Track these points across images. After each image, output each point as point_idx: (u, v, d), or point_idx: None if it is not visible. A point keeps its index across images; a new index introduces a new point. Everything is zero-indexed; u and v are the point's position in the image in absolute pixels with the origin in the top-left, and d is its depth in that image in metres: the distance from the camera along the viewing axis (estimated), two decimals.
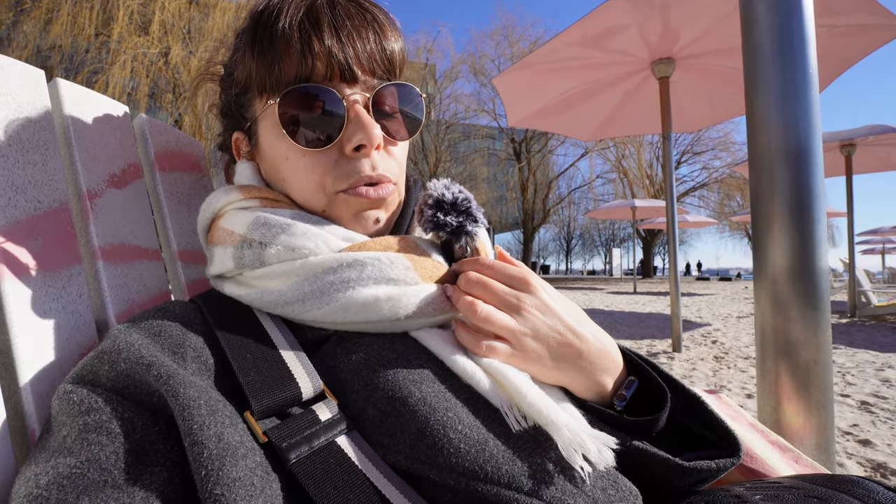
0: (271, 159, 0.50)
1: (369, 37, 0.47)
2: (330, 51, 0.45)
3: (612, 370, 0.45)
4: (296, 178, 0.48)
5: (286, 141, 0.47)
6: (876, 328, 5.23)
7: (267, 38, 0.46)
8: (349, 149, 0.46)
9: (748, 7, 1.06)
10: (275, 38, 0.45)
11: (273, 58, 0.46)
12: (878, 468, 1.69)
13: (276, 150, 0.49)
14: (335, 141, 0.47)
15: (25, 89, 0.48)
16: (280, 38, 0.45)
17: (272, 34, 0.46)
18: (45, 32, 10.07)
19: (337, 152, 0.47)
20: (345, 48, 0.45)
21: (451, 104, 23.02)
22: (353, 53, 0.46)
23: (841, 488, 0.38)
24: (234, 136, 0.54)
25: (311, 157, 0.47)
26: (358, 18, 0.47)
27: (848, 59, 3.42)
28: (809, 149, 1.00)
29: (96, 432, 0.33)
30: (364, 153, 0.46)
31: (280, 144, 0.48)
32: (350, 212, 0.48)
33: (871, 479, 0.40)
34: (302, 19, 0.45)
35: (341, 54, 0.45)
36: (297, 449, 0.34)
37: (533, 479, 0.35)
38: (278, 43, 0.45)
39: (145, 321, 0.40)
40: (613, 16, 3.19)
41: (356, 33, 0.46)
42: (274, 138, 0.48)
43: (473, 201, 0.51)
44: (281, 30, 0.45)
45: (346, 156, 0.47)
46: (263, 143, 0.50)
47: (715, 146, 25.50)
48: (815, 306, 0.99)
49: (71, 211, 0.50)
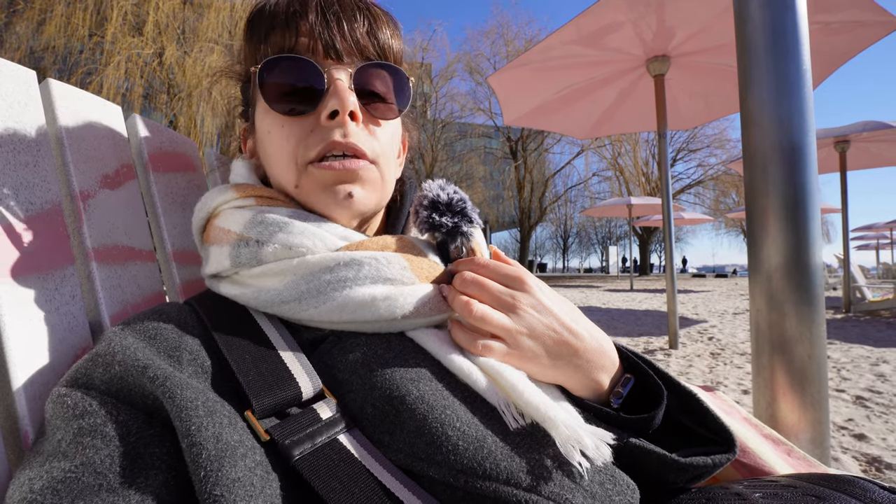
0: (260, 137, 0.51)
1: (360, 21, 0.48)
2: (312, 26, 0.47)
3: (608, 368, 0.45)
4: (274, 152, 0.49)
5: (270, 114, 0.48)
6: (870, 323, 5.26)
7: (257, 20, 0.49)
8: (324, 116, 0.46)
9: (741, 4, 1.06)
10: (263, 16, 0.49)
11: (261, 35, 0.48)
12: (872, 462, 1.70)
13: (262, 126, 0.50)
14: (313, 111, 0.47)
15: (16, 90, 0.48)
16: (268, 17, 0.48)
17: (262, 14, 0.49)
18: (39, 33, 10.00)
19: (313, 122, 0.47)
20: (330, 26, 0.47)
21: (447, 103, 23.04)
22: (338, 32, 0.47)
23: (838, 487, 0.38)
24: (242, 126, 0.55)
25: (287, 127, 0.47)
26: (349, 6, 0.49)
27: (841, 55, 3.44)
28: (803, 145, 1.01)
29: (91, 436, 0.32)
30: (338, 122, 0.46)
31: (266, 118, 0.49)
32: (318, 185, 0.47)
33: (868, 479, 0.40)
34: (291, 1, 0.48)
35: (326, 31, 0.47)
36: (299, 446, 0.34)
37: (531, 475, 0.35)
38: (266, 21, 0.48)
39: (140, 324, 0.40)
40: (608, 13, 3.20)
41: (343, 14, 0.48)
42: (262, 113, 0.50)
43: (469, 202, 0.51)
44: (270, 9, 0.48)
45: (321, 125, 0.47)
46: (256, 123, 0.51)
47: (710, 143, 25.64)
48: (809, 302, 1.00)
49: (64, 212, 0.50)
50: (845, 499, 0.37)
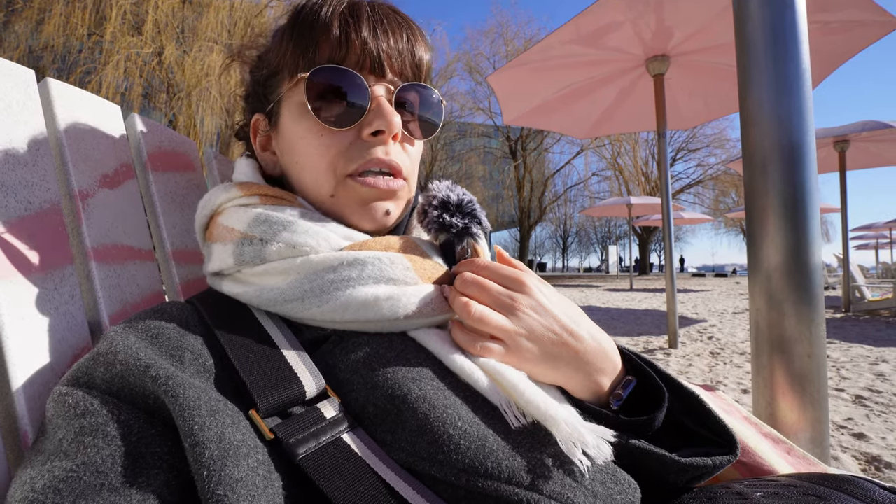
0: (289, 139, 0.51)
1: (402, 39, 0.50)
2: (365, 42, 0.47)
3: (609, 370, 0.45)
4: (309, 159, 0.49)
5: (308, 119, 0.48)
6: (870, 323, 5.27)
7: (307, 24, 0.49)
8: (367, 132, 0.47)
9: (741, 3, 1.06)
10: (315, 24, 0.48)
11: (310, 42, 0.48)
12: (872, 461, 1.71)
13: (295, 129, 0.50)
14: (354, 125, 0.48)
15: (15, 89, 0.48)
16: (320, 24, 0.48)
17: (312, 21, 0.48)
18: (37, 32, 9.96)
19: (353, 135, 0.48)
20: (379, 42, 0.48)
21: (446, 102, 23.03)
22: (386, 49, 0.48)
23: (839, 487, 0.38)
24: (254, 117, 0.55)
25: (327, 137, 0.48)
26: (395, 22, 0.50)
27: (841, 55, 3.44)
28: (803, 145, 1.01)
29: (92, 435, 0.32)
30: (381, 140, 0.48)
31: (301, 122, 0.49)
32: (357, 200, 0.48)
33: (869, 479, 0.40)
34: (343, 12, 0.48)
35: (375, 47, 0.48)
36: (304, 445, 0.34)
37: (532, 473, 0.35)
38: (318, 28, 0.48)
39: (142, 323, 0.40)
40: (608, 13, 3.20)
41: (392, 33, 0.49)
42: (296, 117, 0.50)
43: (477, 203, 0.52)
44: (323, 16, 0.48)
45: (362, 139, 0.48)
46: (284, 122, 0.51)
47: (710, 143, 25.66)
48: (808, 301, 1.00)
49: (63, 211, 0.50)
50: (846, 498, 0.37)
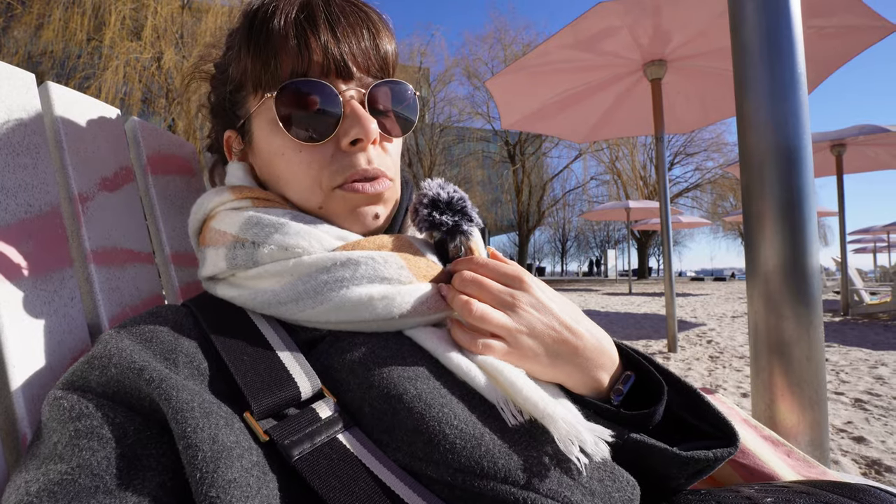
0: (266, 156, 0.50)
1: (364, 34, 0.48)
2: (326, 46, 0.46)
3: (608, 366, 0.45)
4: (292, 175, 0.49)
5: (282, 136, 0.47)
6: (869, 326, 5.27)
7: (263, 34, 0.46)
8: (345, 143, 0.46)
9: (737, 9, 1.07)
10: (271, 34, 0.46)
11: (269, 53, 0.46)
12: (872, 465, 1.70)
13: (271, 147, 0.49)
14: (331, 136, 0.47)
15: (15, 92, 0.48)
16: (276, 34, 0.46)
17: (268, 31, 0.46)
18: (36, 38, 9.98)
19: (333, 147, 0.47)
20: (340, 44, 0.46)
21: (445, 107, 23.06)
22: (349, 50, 0.47)
23: (852, 496, 0.38)
24: (226, 134, 0.54)
25: (307, 153, 0.47)
26: (353, 17, 0.48)
27: (836, 60, 3.47)
28: (799, 148, 1.01)
29: (87, 438, 0.32)
30: (360, 147, 0.47)
31: (276, 140, 0.48)
32: (346, 208, 0.48)
33: (885, 489, 0.39)
34: (297, 16, 0.46)
35: (337, 50, 0.46)
36: (299, 446, 0.34)
37: (529, 472, 0.35)
38: (274, 39, 0.46)
39: (136, 326, 0.40)
40: (605, 18, 3.22)
41: (351, 30, 0.47)
42: (269, 134, 0.48)
43: (468, 201, 0.51)
44: (277, 26, 0.46)
45: (342, 150, 0.47)
46: (258, 139, 0.50)
47: (707, 147, 25.71)
48: (806, 304, 1.00)
49: (62, 214, 0.50)
50: None
